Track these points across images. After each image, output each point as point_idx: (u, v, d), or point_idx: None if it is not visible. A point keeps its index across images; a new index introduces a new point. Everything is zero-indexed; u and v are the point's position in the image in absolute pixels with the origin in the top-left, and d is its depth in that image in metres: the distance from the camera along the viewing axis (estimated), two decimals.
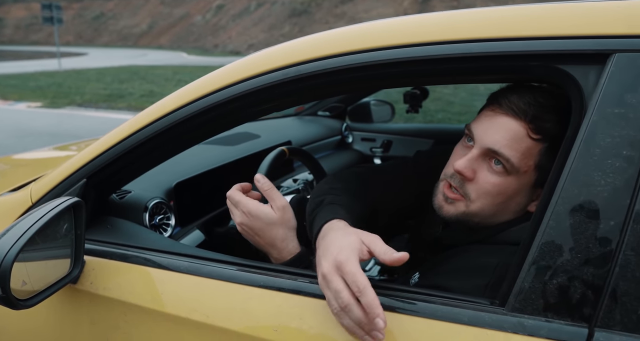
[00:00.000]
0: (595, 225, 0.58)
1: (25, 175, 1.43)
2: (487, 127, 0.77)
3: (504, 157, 0.74)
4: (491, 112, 0.78)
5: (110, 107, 9.37)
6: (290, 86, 0.80)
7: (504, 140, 0.75)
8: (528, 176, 0.76)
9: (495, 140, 0.75)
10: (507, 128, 0.75)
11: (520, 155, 0.74)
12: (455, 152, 0.83)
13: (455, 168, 0.78)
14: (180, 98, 0.90)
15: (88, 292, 0.87)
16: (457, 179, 0.79)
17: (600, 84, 0.62)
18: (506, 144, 0.74)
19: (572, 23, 0.66)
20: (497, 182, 0.76)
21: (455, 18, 0.74)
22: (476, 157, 0.77)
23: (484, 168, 0.77)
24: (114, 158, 0.94)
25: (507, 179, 0.76)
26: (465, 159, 0.77)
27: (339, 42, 0.79)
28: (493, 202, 0.77)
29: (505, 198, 0.77)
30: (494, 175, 0.76)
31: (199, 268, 0.81)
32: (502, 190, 0.76)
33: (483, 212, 0.78)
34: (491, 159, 0.77)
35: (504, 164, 0.75)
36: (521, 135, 0.74)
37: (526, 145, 0.75)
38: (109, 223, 1.02)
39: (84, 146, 2.05)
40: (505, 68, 0.70)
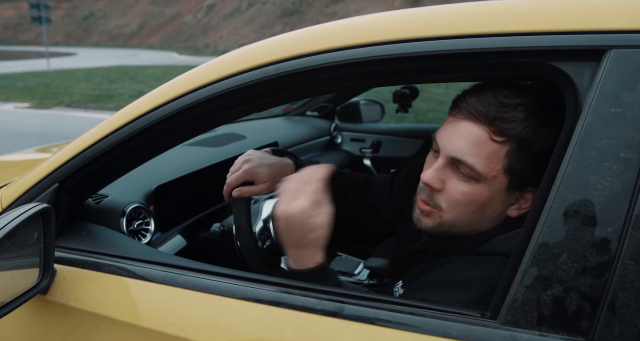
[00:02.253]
0: (591, 232, 0.55)
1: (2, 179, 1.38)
2: (449, 134, 0.74)
3: (468, 164, 0.71)
4: (452, 118, 0.75)
5: (99, 107, 9.27)
6: (270, 85, 0.76)
7: (465, 146, 0.71)
8: (499, 181, 0.72)
9: (457, 148, 0.72)
10: (468, 134, 0.71)
11: (485, 161, 0.71)
12: (426, 163, 0.80)
13: (422, 180, 0.75)
14: (157, 97, 0.85)
15: (58, 303, 0.82)
16: (426, 191, 0.76)
17: (596, 82, 0.58)
18: (468, 151, 0.71)
19: (565, 18, 0.62)
20: (466, 191, 0.73)
21: (440, 13, 0.70)
22: (442, 167, 0.74)
23: (453, 178, 0.74)
24: (88, 162, 0.89)
25: (476, 187, 0.72)
26: (432, 170, 0.74)
27: (322, 38, 0.75)
28: (466, 211, 0.74)
29: (478, 206, 0.74)
30: (463, 183, 0.73)
31: (174, 277, 0.76)
32: (473, 198, 0.73)
33: (458, 221, 0.75)
34: (457, 167, 0.73)
35: (468, 173, 0.72)
36: (483, 139, 0.71)
37: (490, 150, 0.71)
38: (84, 229, 0.97)
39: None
40: (494, 65, 0.66)
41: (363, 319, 0.63)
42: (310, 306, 0.66)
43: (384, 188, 1.10)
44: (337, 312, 0.64)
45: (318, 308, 0.65)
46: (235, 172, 0.98)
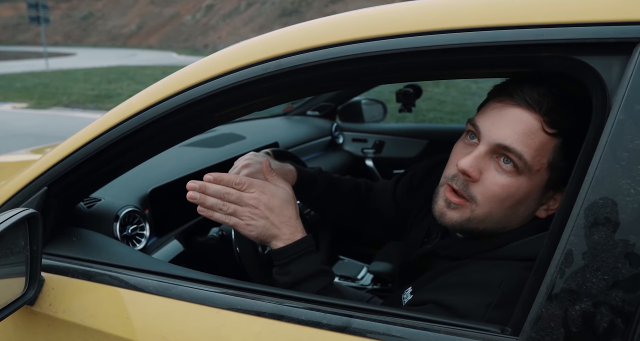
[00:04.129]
0: (624, 241, 0.50)
1: None
2: (495, 120, 0.68)
3: (517, 153, 0.66)
4: (500, 103, 0.69)
5: (98, 107, 9.21)
6: (271, 82, 0.71)
7: (515, 134, 0.66)
8: (540, 176, 0.68)
9: (506, 135, 0.67)
10: (520, 121, 0.67)
11: (534, 152, 0.66)
12: (455, 151, 0.74)
13: (459, 168, 0.69)
14: (151, 96, 0.81)
15: (46, 315, 0.78)
16: (460, 181, 0.70)
17: (627, 78, 0.53)
18: (518, 139, 0.66)
19: (592, 7, 0.57)
20: (506, 183, 0.68)
21: (454, 3, 0.66)
22: (483, 155, 0.69)
23: (492, 168, 0.69)
24: (79, 164, 0.84)
25: (517, 179, 0.68)
26: (472, 157, 0.68)
27: (325, 31, 0.70)
28: (502, 206, 0.69)
29: (514, 201, 0.69)
30: (503, 175, 0.68)
31: (169, 288, 0.72)
32: (511, 192, 0.68)
33: (490, 217, 0.70)
34: (500, 157, 0.68)
35: (515, 162, 0.67)
36: (535, 128, 0.66)
37: (540, 140, 0.66)
38: (75, 235, 0.92)
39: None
40: (513, 60, 0.61)
41: (373, 335, 0.58)
42: (315, 320, 0.61)
43: (387, 194, 1.05)
44: (345, 327, 0.59)
45: (324, 323, 0.61)
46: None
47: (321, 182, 1.01)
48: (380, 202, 1.05)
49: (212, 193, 0.78)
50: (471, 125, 0.71)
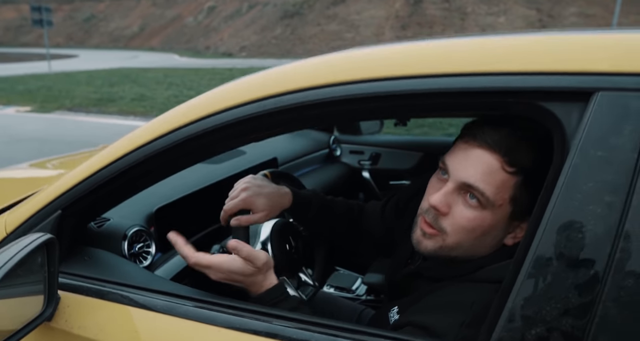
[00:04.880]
0: (575, 274, 0.57)
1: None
2: (461, 160, 0.76)
3: (479, 190, 0.73)
4: (465, 144, 0.77)
5: (101, 111, 9.29)
6: (285, 115, 0.77)
7: (478, 174, 0.73)
8: (503, 209, 0.75)
9: (470, 174, 0.74)
10: (482, 162, 0.74)
11: (495, 189, 0.73)
12: (430, 185, 0.82)
13: (430, 204, 0.77)
14: (164, 124, 0.87)
15: (63, 330, 0.85)
16: (432, 214, 0.78)
17: (583, 124, 0.60)
18: (480, 178, 0.73)
19: (554, 58, 0.64)
20: (472, 217, 0.75)
21: (430, 50, 0.73)
22: (451, 191, 0.76)
23: (459, 203, 0.76)
24: (91, 190, 0.92)
25: (482, 213, 0.75)
26: (441, 194, 0.76)
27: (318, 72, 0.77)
28: (469, 237, 0.76)
29: (481, 232, 0.76)
30: (469, 209, 0.75)
31: (174, 307, 0.79)
32: (477, 224, 0.75)
33: (460, 246, 0.77)
34: (466, 193, 0.76)
35: (479, 198, 0.74)
36: (495, 168, 0.73)
37: (501, 178, 0.73)
38: (86, 254, 0.99)
39: (58, 163, 2.00)
40: (484, 105, 0.68)
41: None
42: (305, 339, 0.68)
43: (376, 215, 1.12)
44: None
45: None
46: (234, 198, 1.00)
47: (315, 204, 1.08)
48: (370, 222, 1.12)
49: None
50: (442, 163, 0.79)
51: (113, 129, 7.52)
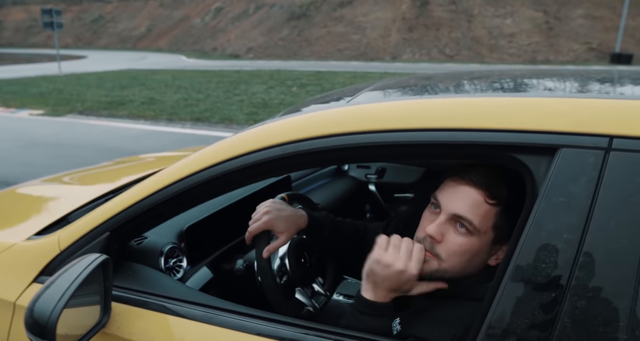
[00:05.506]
0: (539, 296, 0.71)
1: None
2: (451, 196, 0.91)
3: (467, 220, 0.88)
4: (453, 182, 0.92)
5: (111, 114, 9.48)
6: (288, 161, 0.93)
7: (466, 206, 0.88)
8: (487, 235, 0.90)
9: (459, 207, 0.89)
10: (468, 196, 0.89)
11: (480, 218, 0.88)
12: (424, 218, 0.97)
13: (427, 233, 0.91)
14: (197, 164, 1.02)
15: (116, 336, 1.00)
16: (428, 242, 0.92)
17: (549, 175, 0.75)
18: (468, 210, 0.88)
19: (528, 118, 0.79)
20: (462, 243, 0.90)
21: (430, 107, 0.87)
22: (444, 222, 0.91)
23: (451, 231, 0.91)
24: (136, 215, 1.07)
25: (470, 239, 0.90)
26: (435, 225, 0.91)
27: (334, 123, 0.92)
28: (461, 260, 0.91)
29: (470, 255, 0.91)
30: (460, 236, 0.90)
31: (211, 317, 0.94)
32: (467, 249, 0.90)
33: (453, 268, 0.92)
34: (456, 223, 0.90)
35: (467, 227, 0.89)
36: (480, 201, 0.88)
37: (484, 209, 0.88)
38: (129, 269, 1.15)
39: (77, 178, 2.13)
40: (470, 155, 0.83)
41: None
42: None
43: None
44: None
45: None
46: (257, 221, 1.15)
47: (327, 226, 1.23)
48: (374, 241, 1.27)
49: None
50: (434, 199, 0.94)
51: (124, 133, 7.71)
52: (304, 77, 15.43)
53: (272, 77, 15.57)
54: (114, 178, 1.98)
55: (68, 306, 0.91)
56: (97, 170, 2.39)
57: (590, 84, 1.07)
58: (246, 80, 14.54)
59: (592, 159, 0.73)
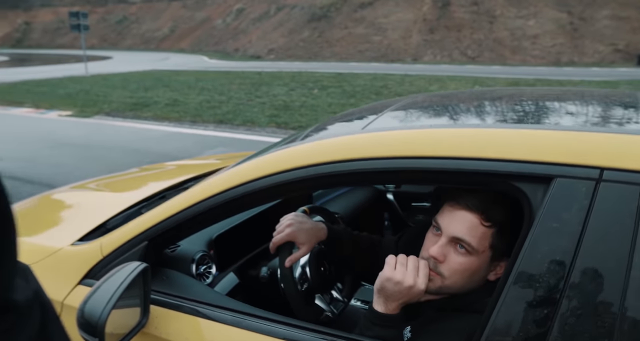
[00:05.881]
0: (533, 312, 0.80)
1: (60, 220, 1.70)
2: (450, 220, 1.00)
3: (466, 241, 0.97)
4: (451, 207, 1.01)
5: (136, 116, 9.71)
6: (310, 182, 1.03)
7: (464, 229, 0.97)
8: (485, 254, 0.99)
9: (458, 230, 0.98)
10: (466, 220, 0.98)
11: (478, 239, 0.97)
12: (427, 239, 1.06)
13: (430, 255, 1.00)
14: (228, 182, 1.13)
15: (154, 336, 1.11)
16: (432, 262, 1.02)
17: (545, 202, 0.83)
18: (466, 232, 0.97)
19: (527, 149, 0.88)
20: (462, 262, 0.99)
21: (439, 136, 0.97)
22: (445, 244, 1.00)
23: (452, 252, 1.00)
24: (173, 226, 1.18)
25: (470, 258, 0.99)
26: (437, 246, 1.00)
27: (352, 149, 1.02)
28: (462, 277, 1.00)
29: (470, 273, 1.00)
30: (460, 256, 0.99)
31: (239, 322, 1.04)
32: (467, 267, 0.99)
33: (455, 285, 1.01)
34: (456, 244, 0.99)
35: (466, 247, 0.98)
36: (476, 224, 0.97)
37: (481, 231, 0.97)
38: (164, 274, 1.26)
39: (103, 185, 2.25)
40: (474, 182, 0.91)
41: None
42: None
43: (391, 249, 1.36)
44: None
45: None
46: (280, 232, 1.25)
47: (345, 239, 1.33)
48: (387, 254, 1.36)
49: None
50: (435, 222, 1.03)
51: (148, 134, 7.91)
52: (324, 78, 15.52)
53: (294, 78, 15.71)
54: (142, 186, 2.12)
55: (114, 308, 1.03)
56: (122, 177, 2.52)
57: (593, 110, 1.14)
58: (267, 82, 14.71)
59: (584, 189, 0.81)
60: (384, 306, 1.02)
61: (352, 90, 12.57)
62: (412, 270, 1.00)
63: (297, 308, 1.26)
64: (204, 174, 1.96)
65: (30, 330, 0.63)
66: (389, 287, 1.00)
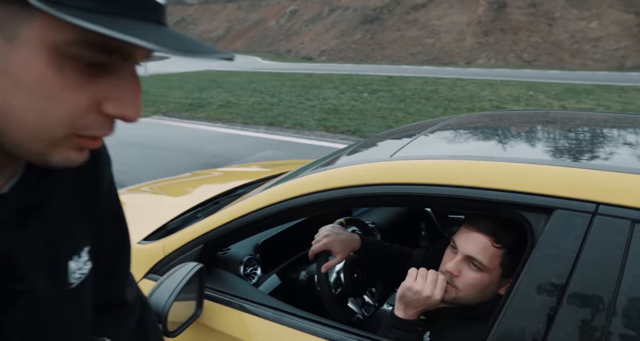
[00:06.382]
0: (529, 325, 0.92)
1: None
2: (465, 240, 1.13)
3: (478, 260, 1.10)
4: (467, 229, 1.14)
5: (191, 117, 10.16)
6: (345, 202, 1.18)
7: (477, 249, 1.11)
8: (496, 271, 1.12)
9: (471, 250, 1.11)
10: (478, 241, 1.11)
11: (489, 258, 1.10)
12: (445, 255, 1.20)
13: (446, 269, 1.14)
14: (273, 198, 1.31)
15: (206, 326, 1.31)
16: (448, 276, 1.15)
17: (545, 230, 0.95)
18: (479, 252, 1.11)
19: (532, 183, 1.00)
20: (475, 277, 1.12)
21: (453, 167, 1.10)
22: (460, 261, 1.13)
23: (466, 268, 1.13)
24: (227, 233, 1.37)
25: (482, 274, 1.11)
26: (453, 263, 1.14)
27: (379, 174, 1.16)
28: (474, 290, 1.13)
29: (482, 287, 1.13)
30: (473, 272, 1.12)
31: (280, 318, 1.22)
32: (479, 282, 1.12)
33: (468, 297, 1.14)
34: (470, 262, 1.12)
35: (478, 265, 1.11)
36: (488, 245, 1.10)
37: (492, 252, 1.10)
38: (216, 273, 1.45)
39: (157, 188, 2.49)
40: (485, 209, 1.04)
41: None
42: None
43: (418, 261, 1.50)
44: None
45: None
46: (318, 242, 1.42)
47: (377, 250, 1.48)
48: (415, 265, 1.50)
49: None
50: (453, 241, 1.16)
51: (202, 135, 8.28)
52: (375, 82, 15.60)
53: (344, 81, 15.87)
54: (195, 191, 2.35)
55: (175, 300, 1.23)
56: (176, 181, 2.77)
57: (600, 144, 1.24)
58: (318, 85, 14.94)
59: (580, 221, 0.92)
60: (403, 312, 1.16)
61: (401, 94, 12.59)
62: (430, 282, 1.13)
63: (330, 309, 1.42)
64: (250, 182, 2.16)
65: (132, 322, 0.83)
66: (409, 295, 1.14)
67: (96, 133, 0.49)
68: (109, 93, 0.47)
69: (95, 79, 0.46)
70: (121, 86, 0.47)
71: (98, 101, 0.47)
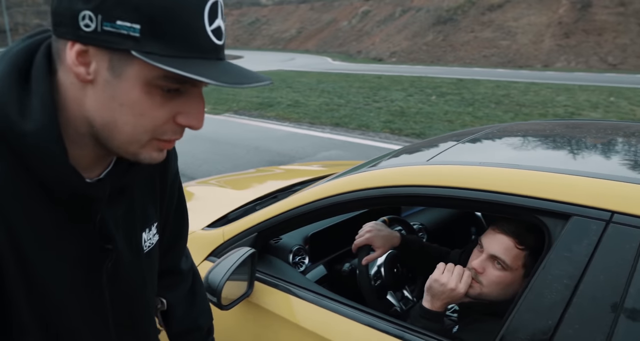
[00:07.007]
0: (539, 322, 1.00)
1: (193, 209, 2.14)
2: (490, 241, 1.22)
3: (502, 260, 1.19)
4: (493, 230, 1.23)
5: (261, 115, 10.55)
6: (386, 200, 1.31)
7: (501, 249, 1.19)
8: (518, 271, 1.20)
9: (496, 250, 1.20)
10: (502, 242, 1.20)
11: (512, 258, 1.18)
12: (473, 254, 1.29)
13: (472, 267, 1.23)
14: (323, 193, 1.45)
15: (256, 305, 1.48)
16: (473, 272, 1.24)
17: (562, 235, 1.03)
18: (503, 252, 1.19)
19: (553, 190, 1.07)
20: (499, 275, 1.20)
21: (482, 173, 1.19)
22: (485, 259, 1.22)
23: (490, 266, 1.22)
24: (279, 223, 1.54)
25: (505, 273, 1.20)
26: (479, 260, 1.23)
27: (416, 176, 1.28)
28: (497, 288, 1.21)
29: (505, 285, 1.21)
30: (497, 270, 1.21)
31: (319, 301, 1.36)
32: (502, 280, 1.20)
33: (492, 294, 1.22)
34: (494, 261, 1.21)
35: (502, 264, 1.19)
36: (511, 246, 1.18)
37: (515, 252, 1.18)
38: (267, 259, 1.63)
39: (223, 182, 2.70)
40: (509, 213, 1.13)
41: None
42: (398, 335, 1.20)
43: (455, 261, 1.58)
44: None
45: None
46: (361, 236, 1.55)
47: (417, 248, 1.59)
48: None
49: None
50: (479, 241, 1.25)
51: (270, 134, 8.61)
52: (444, 85, 15.37)
53: (413, 84, 15.76)
54: (257, 186, 2.55)
55: (229, 279, 1.41)
56: (240, 176, 2.99)
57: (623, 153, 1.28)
58: (386, 87, 14.94)
59: (595, 227, 0.99)
60: (430, 303, 1.27)
61: (471, 98, 12.34)
62: (456, 276, 1.23)
63: (369, 299, 1.54)
64: (308, 180, 2.32)
65: (184, 288, 1.03)
66: (435, 287, 1.24)
67: (171, 137, 0.67)
68: (181, 109, 0.65)
69: (172, 99, 0.64)
70: (190, 104, 0.65)
71: (174, 115, 0.65)
